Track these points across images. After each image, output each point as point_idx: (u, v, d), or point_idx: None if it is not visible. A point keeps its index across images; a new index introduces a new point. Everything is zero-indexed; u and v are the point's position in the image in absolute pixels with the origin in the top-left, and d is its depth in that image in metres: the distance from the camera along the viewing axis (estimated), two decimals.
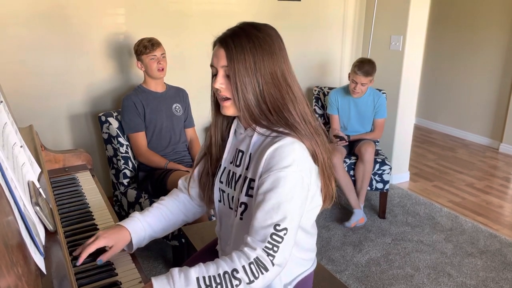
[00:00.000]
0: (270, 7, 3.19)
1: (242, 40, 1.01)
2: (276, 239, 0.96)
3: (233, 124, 1.17)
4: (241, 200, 1.07)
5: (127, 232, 1.16)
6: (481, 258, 2.50)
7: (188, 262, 1.37)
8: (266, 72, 1.02)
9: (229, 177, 1.14)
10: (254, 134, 1.08)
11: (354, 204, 2.80)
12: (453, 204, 3.23)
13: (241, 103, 1.02)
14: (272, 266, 0.95)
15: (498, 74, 4.47)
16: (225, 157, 1.18)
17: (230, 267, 0.93)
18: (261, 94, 1.02)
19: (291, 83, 1.05)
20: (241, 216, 1.09)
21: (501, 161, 4.19)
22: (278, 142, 1.01)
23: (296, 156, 1.00)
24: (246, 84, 1.01)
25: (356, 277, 2.31)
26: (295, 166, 0.99)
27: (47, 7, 2.46)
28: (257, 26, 1.05)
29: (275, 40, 1.04)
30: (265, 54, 1.01)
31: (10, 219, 0.81)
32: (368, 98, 2.92)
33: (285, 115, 1.04)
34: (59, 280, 0.88)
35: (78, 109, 2.72)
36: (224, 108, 1.08)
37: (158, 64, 2.34)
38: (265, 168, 1.01)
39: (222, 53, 1.03)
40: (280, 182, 0.98)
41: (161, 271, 2.31)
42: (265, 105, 1.03)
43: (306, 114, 1.06)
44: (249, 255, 0.94)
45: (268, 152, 1.01)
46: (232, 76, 1.01)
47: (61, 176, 1.70)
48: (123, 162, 2.41)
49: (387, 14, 3.34)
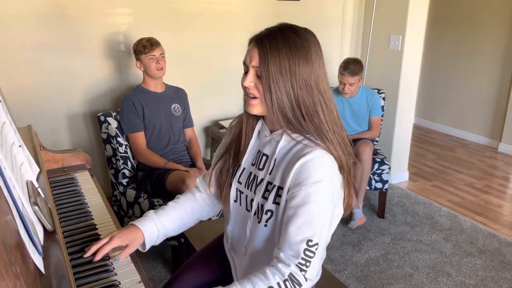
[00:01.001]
0: (269, 7, 3.20)
1: (278, 42, 0.99)
2: (308, 255, 0.96)
3: (257, 125, 1.15)
4: (267, 207, 1.06)
5: (141, 232, 1.17)
6: (480, 257, 2.50)
7: (189, 263, 1.36)
8: (300, 77, 1.00)
9: (250, 179, 1.13)
10: (281, 139, 1.07)
11: (354, 204, 2.80)
12: (452, 203, 3.24)
13: (274, 105, 1.00)
14: (305, 281, 0.96)
15: (497, 73, 4.47)
16: (246, 158, 1.16)
17: (266, 285, 0.93)
18: (296, 99, 1.00)
19: (324, 92, 1.03)
20: (265, 223, 1.08)
21: (500, 160, 4.20)
22: (308, 155, 1.00)
23: (327, 170, 0.99)
24: (280, 86, 0.99)
25: (355, 277, 2.31)
26: (326, 181, 0.98)
27: (46, 7, 2.46)
28: (296, 30, 1.03)
29: (312, 46, 1.02)
30: (301, 59, 0.99)
31: (8, 218, 0.81)
32: (361, 98, 2.92)
33: (316, 122, 1.02)
34: (57, 280, 0.88)
35: (77, 109, 2.72)
36: (250, 106, 1.06)
37: (157, 64, 2.33)
38: (295, 181, 1.00)
39: (256, 53, 1.01)
40: (311, 197, 0.97)
41: (160, 271, 2.31)
42: (299, 110, 1.01)
43: (335, 124, 1.05)
44: (284, 272, 0.95)
45: (299, 164, 1.00)
46: (265, 77, 1.00)
47: (60, 176, 1.70)
48: (122, 162, 2.41)
49: (386, 14, 3.34)
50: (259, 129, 1.15)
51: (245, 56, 1.05)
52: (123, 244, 1.14)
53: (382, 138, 3.38)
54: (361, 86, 2.93)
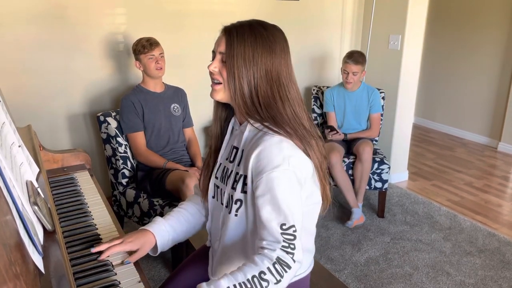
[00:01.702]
0: (269, 6, 3.20)
1: (245, 32, 1.05)
2: (288, 238, 0.98)
3: (231, 121, 1.19)
4: (236, 197, 1.08)
5: (152, 236, 1.19)
6: (480, 256, 2.50)
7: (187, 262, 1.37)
8: (262, 67, 1.04)
9: (224, 173, 1.16)
10: (246, 129, 1.10)
11: (352, 204, 2.81)
12: (451, 203, 3.24)
13: (237, 91, 1.05)
14: (293, 263, 0.97)
15: (497, 73, 4.47)
16: (222, 153, 1.20)
17: (257, 271, 0.95)
18: (255, 87, 1.05)
19: (284, 85, 1.07)
20: (236, 212, 1.10)
21: (500, 160, 4.20)
22: (266, 142, 1.02)
23: (285, 154, 1.01)
24: (242, 74, 1.04)
25: (355, 276, 2.31)
26: (286, 164, 1.00)
27: (46, 7, 2.46)
28: (264, 25, 1.08)
29: (278, 41, 1.07)
30: (265, 50, 1.04)
31: (8, 218, 0.81)
32: (362, 93, 2.95)
33: (273, 113, 1.05)
34: (57, 280, 0.88)
35: (76, 109, 2.72)
36: (214, 91, 1.11)
37: (156, 64, 2.33)
38: (256, 169, 1.02)
39: (223, 40, 1.06)
40: (273, 182, 0.99)
41: (160, 270, 2.31)
42: (257, 98, 1.05)
43: (299, 117, 1.08)
44: (271, 256, 0.96)
45: (257, 152, 1.02)
46: (229, 63, 1.04)
47: (60, 176, 1.70)
48: (121, 162, 2.41)
49: (385, 14, 3.34)
50: (233, 124, 1.18)
51: (214, 44, 1.11)
52: (134, 248, 1.15)
53: (382, 137, 3.38)
54: (362, 83, 2.96)
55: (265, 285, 0.94)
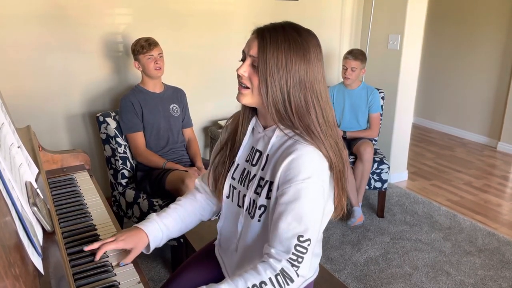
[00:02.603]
0: (268, 6, 3.20)
1: (279, 37, 1.01)
2: (300, 250, 0.97)
3: (251, 122, 1.16)
4: (261, 202, 1.07)
5: (145, 235, 1.18)
6: (480, 256, 2.50)
7: (188, 263, 1.37)
8: (296, 75, 1.01)
9: (243, 175, 1.14)
10: (273, 135, 1.08)
11: (354, 202, 2.81)
12: (451, 202, 3.24)
13: (269, 99, 1.02)
14: (297, 277, 0.96)
15: (496, 73, 4.48)
16: (240, 154, 1.17)
17: (258, 280, 0.94)
18: (288, 95, 1.02)
19: (318, 93, 1.04)
20: (259, 218, 1.08)
21: (499, 159, 4.20)
22: (298, 151, 1.00)
23: (316, 166, 1.00)
24: (275, 81, 1.00)
25: (355, 276, 2.31)
26: (316, 177, 0.99)
27: (45, 8, 2.46)
28: (298, 30, 1.04)
29: (311, 47, 1.03)
30: (299, 58, 1.01)
31: (7, 219, 0.80)
32: (361, 92, 2.96)
33: (306, 121, 1.03)
34: (57, 281, 0.88)
35: (76, 110, 2.72)
36: (240, 95, 1.07)
37: (155, 64, 2.33)
38: (285, 177, 1.00)
39: (255, 43, 1.03)
40: (301, 193, 0.98)
41: (159, 271, 2.31)
42: (290, 106, 1.02)
43: (328, 127, 1.06)
44: (275, 266, 0.95)
45: (288, 161, 1.00)
46: (261, 68, 1.01)
47: (59, 176, 1.69)
48: (121, 162, 2.41)
49: (384, 14, 3.34)
50: (253, 125, 1.16)
51: (245, 45, 1.07)
52: (127, 247, 1.14)
53: (381, 137, 3.38)
54: (362, 82, 2.98)
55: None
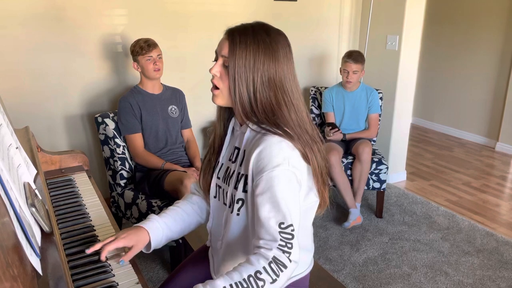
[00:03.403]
0: (266, 7, 3.20)
1: (248, 38, 1.05)
2: (286, 237, 0.98)
3: (231, 122, 1.19)
4: (238, 196, 1.09)
5: (146, 233, 1.19)
6: (478, 256, 2.51)
7: (185, 263, 1.37)
8: (264, 74, 1.05)
9: (226, 173, 1.16)
10: (247, 130, 1.11)
11: (350, 204, 2.81)
12: (449, 203, 3.24)
13: (236, 96, 1.06)
14: (289, 262, 0.98)
15: (494, 73, 4.49)
16: (223, 154, 1.20)
17: (253, 270, 0.95)
18: (254, 93, 1.05)
19: (288, 91, 1.07)
20: (238, 212, 1.10)
21: (498, 159, 4.21)
22: (266, 141, 1.03)
23: (285, 154, 1.02)
24: (242, 79, 1.04)
25: (353, 277, 2.31)
26: (286, 164, 1.01)
27: (43, 8, 2.46)
28: (267, 30, 1.08)
29: (280, 46, 1.07)
30: (267, 57, 1.04)
31: (5, 220, 0.80)
32: (361, 93, 2.97)
33: (275, 118, 1.06)
34: (55, 281, 0.88)
35: (74, 110, 2.71)
36: (214, 97, 1.12)
37: (154, 65, 2.33)
38: (257, 168, 1.03)
39: (226, 44, 1.06)
40: (274, 181, 1.00)
41: (158, 272, 2.31)
42: (255, 104, 1.06)
43: (303, 122, 1.09)
44: (267, 255, 0.97)
45: (257, 152, 1.03)
46: (230, 68, 1.05)
47: (58, 177, 1.69)
48: (120, 163, 2.41)
49: (383, 14, 3.35)
50: (233, 125, 1.19)
51: (218, 45, 1.11)
52: (128, 245, 1.15)
53: (380, 137, 3.39)
54: (361, 83, 2.98)
55: (261, 285, 0.94)
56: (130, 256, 1.14)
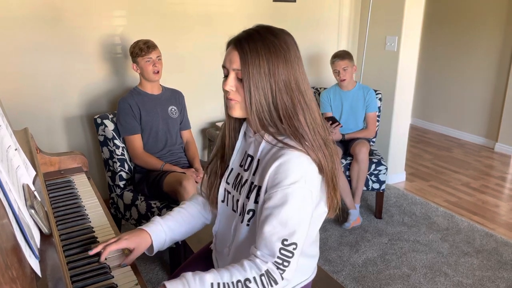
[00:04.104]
0: (265, 8, 3.20)
1: (257, 44, 0.99)
2: (285, 254, 0.97)
3: (243, 126, 1.16)
4: (249, 207, 1.07)
5: (148, 236, 1.18)
6: (477, 257, 2.51)
7: (186, 264, 1.37)
8: (280, 79, 1.00)
9: (237, 180, 1.14)
10: (262, 140, 1.07)
11: (349, 205, 2.81)
12: (449, 203, 3.24)
13: (252, 108, 1.01)
14: (281, 280, 0.96)
15: (493, 74, 4.49)
16: (234, 158, 1.17)
17: (243, 276, 0.95)
18: (273, 101, 1.01)
19: (304, 92, 1.03)
20: (248, 222, 1.09)
21: (497, 160, 4.21)
22: (285, 156, 0.99)
23: (303, 170, 0.99)
24: (259, 89, 0.99)
25: (353, 277, 2.31)
26: (303, 182, 0.98)
27: (42, 10, 2.46)
28: (273, 32, 1.03)
29: (291, 47, 1.03)
30: (280, 61, 1.00)
31: (4, 222, 0.80)
32: (358, 92, 2.97)
33: (294, 123, 1.01)
34: (54, 283, 0.88)
35: (73, 112, 2.71)
36: (231, 109, 1.06)
37: (154, 67, 2.33)
38: (272, 182, 1.00)
39: (236, 55, 1.01)
40: (288, 198, 0.97)
41: (157, 273, 2.31)
42: (276, 112, 1.01)
43: (316, 125, 1.05)
44: (261, 267, 0.96)
45: (275, 165, 1.00)
46: (245, 80, 1.00)
47: (57, 178, 1.69)
48: (119, 164, 2.41)
49: (382, 15, 3.35)
50: (245, 130, 1.16)
51: (224, 59, 1.05)
52: (130, 246, 1.14)
53: (379, 138, 3.39)
54: (357, 83, 2.99)
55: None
56: (132, 258, 1.14)
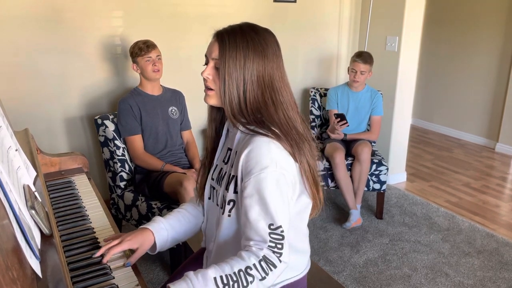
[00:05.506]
0: (265, 8, 3.20)
1: (237, 37, 1.05)
2: (276, 238, 0.99)
3: (226, 123, 1.20)
4: (229, 197, 1.09)
5: (151, 234, 1.20)
6: (478, 257, 2.51)
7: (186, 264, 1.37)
8: (253, 73, 1.05)
9: (219, 175, 1.17)
10: (238, 131, 1.11)
11: (351, 205, 2.81)
12: (450, 204, 3.24)
13: (226, 97, 1.06)
14: (279, 262, 0.99)
15: (494, 74, 4.49)
16: (218, 155, 1.21)
17: (244, 265, 0.97)
18: (244, 93, 1.06)
19: (277, 89, 1.08)
20: (229, 213, 1.10)
21: (498, 160, 4.21)
22: (252, 143, 1.03)
23: (273, 155, 1.02)
24: (233, 79, 1.04)
25: (353, 278, 2.31)
26: (274, 166, 1.01)
27: (42, 10, 2.46)
28: (255, 29, 1.08)
29: (270, 45, 1.07)
30: (256, 56, 1.05)
31: (5, 223, 0.80)
32: (366, 94, 2.98)
33: (261, 118, 1.06)
34: (54, 284, 0.88)
35: (74, 112, 2.71)
36: (207, 96, 1.13)
37: (154, 66, 2.33)
38: (245, 170, 1.03)
39: (216, 46, 1.07)
40: (262, 184, 1.00)
41: (158, 274, 2.31)
42: (244, 104, 1.06)
43: (292, 121, 1.08)
44: (258, 253, 0.98)
45: (245, 153, 1.03)
46: (221, 69, 1.05)
47: (57, 179, 1.69)
48: (119, 164, 2.41)
49: (382, 15, 3.35)
50: (227, 126, 1.19)
51: (207, 49, 1.12)
52: (133, 247, 1.16)
53: (380, 139, 3.38)
54: (367, 85, 3.00)
55: (250, 280, 0.95)
56: (136, 257, 1.15)
